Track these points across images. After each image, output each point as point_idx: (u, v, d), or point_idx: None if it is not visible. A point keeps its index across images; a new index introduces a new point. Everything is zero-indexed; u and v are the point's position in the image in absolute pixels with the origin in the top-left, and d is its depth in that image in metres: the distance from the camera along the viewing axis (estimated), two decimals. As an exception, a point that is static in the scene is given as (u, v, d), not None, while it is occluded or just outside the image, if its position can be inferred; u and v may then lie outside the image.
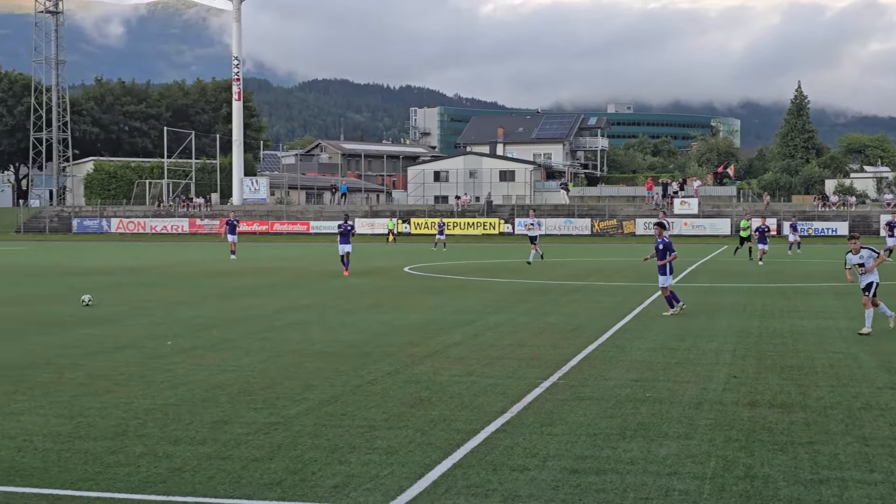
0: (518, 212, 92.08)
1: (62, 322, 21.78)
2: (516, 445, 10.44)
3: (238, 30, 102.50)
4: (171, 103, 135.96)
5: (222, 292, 29.86)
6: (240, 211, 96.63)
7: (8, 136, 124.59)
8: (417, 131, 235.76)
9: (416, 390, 13.52)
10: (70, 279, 35.96)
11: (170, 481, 9.12)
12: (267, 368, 15.40)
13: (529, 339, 18.82)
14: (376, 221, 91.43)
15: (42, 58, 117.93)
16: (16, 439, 10.72)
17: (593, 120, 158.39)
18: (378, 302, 26.57)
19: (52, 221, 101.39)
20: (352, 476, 9.27)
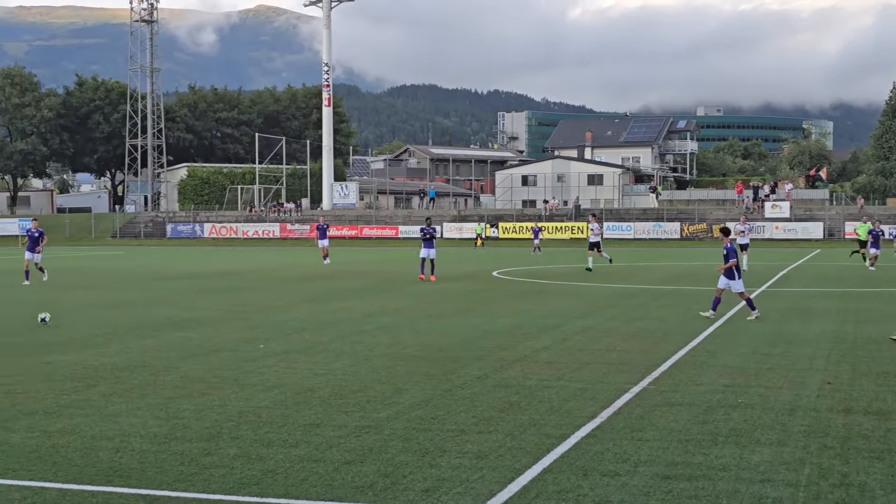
0: (606, 216, 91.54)
1: (158, 325, 22.18)
2: (607, 451, 10.40)
3: (328, 36, 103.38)
4: (262, 109, 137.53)
5: (313, 296, 30.15)
6: (329, 216, 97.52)
7: (105, 143, 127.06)
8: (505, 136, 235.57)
9: (506, 395, 13.53)
10: (165, 283, 36.59)
11: (263, 483, 9.25)
12: (357, 372, 15.52)
13: (619, 343, 18.72)
14: (464, 226, 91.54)
15: (137, 66, 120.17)
16: (114, 440, 10.95)
17: (682, 123, 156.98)
18: (467, 306, 26.61)
19: (146, 226, 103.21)
20: (442, 480, 9.32)
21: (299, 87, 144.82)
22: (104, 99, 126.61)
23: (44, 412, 12.51)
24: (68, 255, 67.40)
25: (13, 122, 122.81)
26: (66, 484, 9.25)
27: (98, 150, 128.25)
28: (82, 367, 16.08)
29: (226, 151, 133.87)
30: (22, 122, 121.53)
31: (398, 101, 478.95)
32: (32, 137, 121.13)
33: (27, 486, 9.18)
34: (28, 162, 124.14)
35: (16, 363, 16.54)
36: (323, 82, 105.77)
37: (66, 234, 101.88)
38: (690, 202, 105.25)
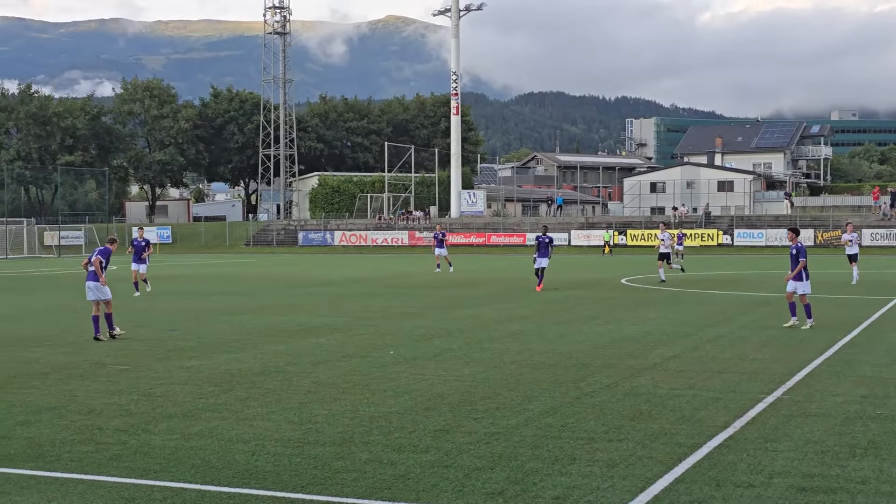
0: (737, 223, 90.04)
1: (291, 331, 22.57)
2: (740, 461, 10.24)
3: (456, 46, 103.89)
4: (391, 119, 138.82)
5: (441, 303, 30.32)
6: (457, 223, 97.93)
7: (238, 153, 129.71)
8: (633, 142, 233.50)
9: (636, 403, 13.42)
10: (297, 290, 37.20)
11: (394, 487, 9.35)
12: (487, 379, 15.56)
13: (751, 352, 18.41)
14: (591, 233, 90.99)
15: (270, 77, 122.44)
16: (249, 443, 11.19)
17: (816, 128, 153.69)
18: (595, 314, 26.47)
19: (279, 234, 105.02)
20: (573, 488, 9.29)
21: (428, 96, 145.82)
22: (238, 110, 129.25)
23: (182, 415, 12.84)
24: (204, 262, 69.02)
25: (152, 134, 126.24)
26: (203, 485, 9.48)
27: (232, 160, 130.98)
28: (218, 372, 16.46)
29: (356, 160, 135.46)
30: (160, 134, 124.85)
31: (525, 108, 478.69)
32: (170, 148, 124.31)
33: (168, 487, 9.44)
34: (166, 172, 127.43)
35: (155, 367, 17.01)
36: (451, 91, 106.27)
37: (202, 242, 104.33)
38: (825, 209, 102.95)
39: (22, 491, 9.35)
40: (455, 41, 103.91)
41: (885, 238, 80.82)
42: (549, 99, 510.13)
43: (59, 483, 9.62)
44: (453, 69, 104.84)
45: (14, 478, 9.82)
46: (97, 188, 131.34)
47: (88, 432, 11.84)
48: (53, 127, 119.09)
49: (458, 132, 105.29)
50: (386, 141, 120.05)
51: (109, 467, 10.18)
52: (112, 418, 12.66)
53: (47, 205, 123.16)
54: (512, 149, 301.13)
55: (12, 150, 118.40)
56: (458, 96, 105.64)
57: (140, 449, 10.96)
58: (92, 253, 21.37)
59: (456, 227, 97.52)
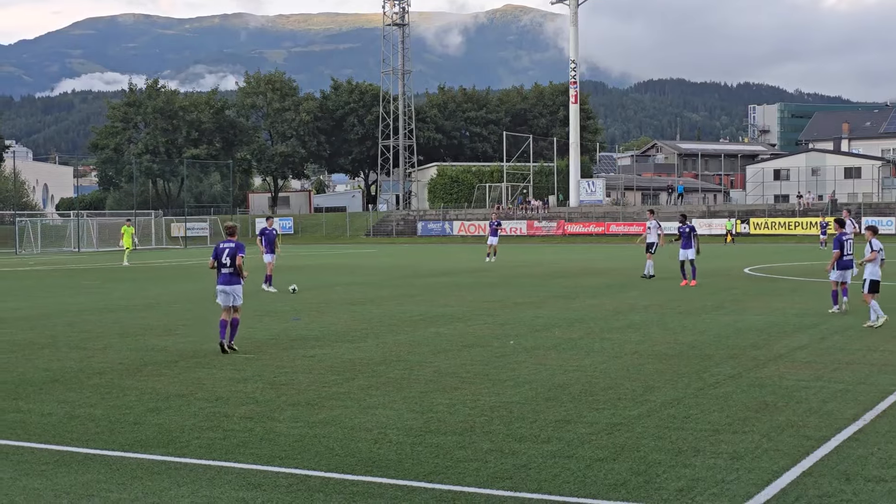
0: (865, 210, 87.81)
1: (412, 321, 22.70)
2: (870, 455, 9.99)
3: (575, 34, 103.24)
4: (509, 108, 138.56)
5: (561, 293, 30.19)
6: (576, 212, 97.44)
7: (358, 145, 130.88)
8: (756, 129, 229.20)
9: (761, 394, 13.18)
10: (417, 280, 37.44)
11: (516, 477, 9.33)
12: (608, 369, 15.45)
13: (881, 343, 17.93)
14: (713, 222, 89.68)
15: (389, 69, 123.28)
16: (372, 432, 11.28)
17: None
18: (718, 303, 26.08)
19: (398, 225, 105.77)
20: (697, 480, 9.16)
21: (546, 85, 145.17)
22: (358, 101, 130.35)
23: (306, 403, 13.01)
24: (326, 252, 69.90)
25: (274, 126, 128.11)
26: (327, 472, 9.59)
27: (352, 151, 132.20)
28: (341, 361, 16.64)
29: (474, 150, 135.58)
30: (282, 126, 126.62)
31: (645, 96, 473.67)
32: (291, 140, 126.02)
33: (293, 474, 9.57)
34: (287, 164, 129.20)
35: (279, 357, 17.27)
36: (570, 79, 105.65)
37: (323, 233, 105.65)
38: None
39: (153, 476, 9.57)
40: (573, 29, 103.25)
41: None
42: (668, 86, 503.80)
43: (188, 469, 9.83)
44: (572, 57, 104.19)
45: (146, 463, 10.07)
46: (221, 180, 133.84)
47: (216, 419, 12.08)
48: (179, 121, 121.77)
49: (576, 121, 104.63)
50: (504, 130, 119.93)
51: (236, 454, 10.37)
52: (238, 406, 12.89)
53: (174, 197, 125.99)
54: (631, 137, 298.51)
55: (140, 145, 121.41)
56: (577, 84, 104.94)
57: (265, 436, 11.14)
58: (218, 251, 17.86)
59: (575, 216, 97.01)
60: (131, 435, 11.33)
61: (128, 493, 8.99)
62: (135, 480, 9.42)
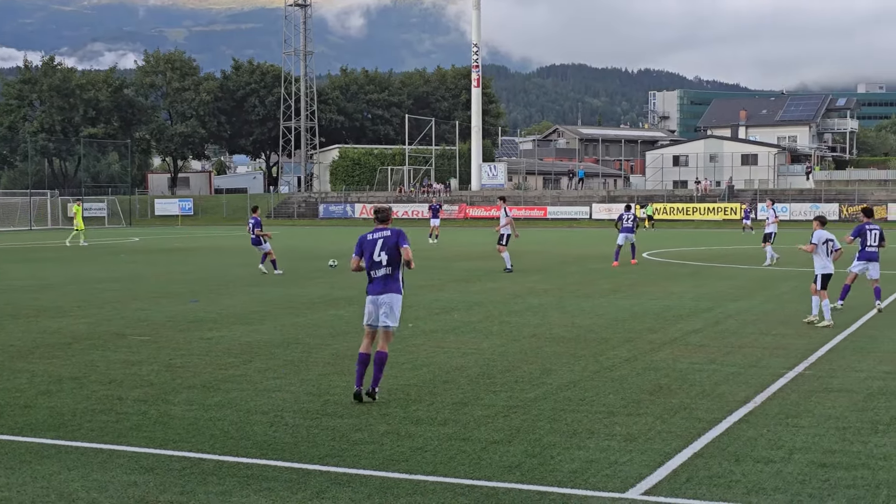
0: (761, 197, 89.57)
1: (312, 303, 22.59)
2: (760, 437, 10.19)
3: (477, 17, 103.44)
4: (412, 91, 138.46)
5: (461, 276, 30.27)
6: (478, 196, 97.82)
7: (259, 126, 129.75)
8: (656, 115, 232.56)
9: (656, 377, 13.37)
10: (318, 262, 37.18)
11: (412, 460, 9.34)
12: (506, 352, 15.54)
13: (773, 327, 18.31)
14: (613, 207, 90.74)
15: (291, 49, 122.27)
16: (268, 415, 11.21)
17: (842, 101, 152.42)
18: (616, 287, 26.39)
19: (300, 207, 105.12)
20: (591, 461, 9.26)
21: (448, 69, 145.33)
22: (259, 82, 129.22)
23: (202, 386, 12.87)
24: (225, 234, 69.13)
25: (174, 106, 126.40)
26: (222, 456, 9.51)
27: (253, 133, 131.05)
28: (238, 343, 16.49)
29: (376, 133, 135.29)
30: (182, 106, 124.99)
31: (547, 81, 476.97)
32: (192, 120, 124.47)
33: (186, 457, 9.46)
34: (187, 144, 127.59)
35: (175, 339, 17.04)
36: (472, 63, 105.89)
37: (224, 214, 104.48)
38: (850, 182, 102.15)
39: (43, 460, 9.39)
40: (476, 13, 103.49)
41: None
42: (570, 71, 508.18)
43: (79, 452, 9.67)
44: (474, 41, 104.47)
45: (35, 447, 9.87)
46: (119, 160, 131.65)
47: (109, 402, 11.89)
48: (76, 99, 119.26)
49: (478, 105, 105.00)
50: (406, 113, 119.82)
51: (129, 437, 10.22)
52: (132, 389, 12.70)
53: (70, 177, 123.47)
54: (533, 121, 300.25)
55: (36, 123, 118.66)
56: (479, 68, 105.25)
57: (160, 419, 10.99)
58: (366, 244, 12.33)
59: (477, 199, 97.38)
60: (21, 418, 11.10)
61: (16, 478, 8.80)
62: (23, 465, 9.23)
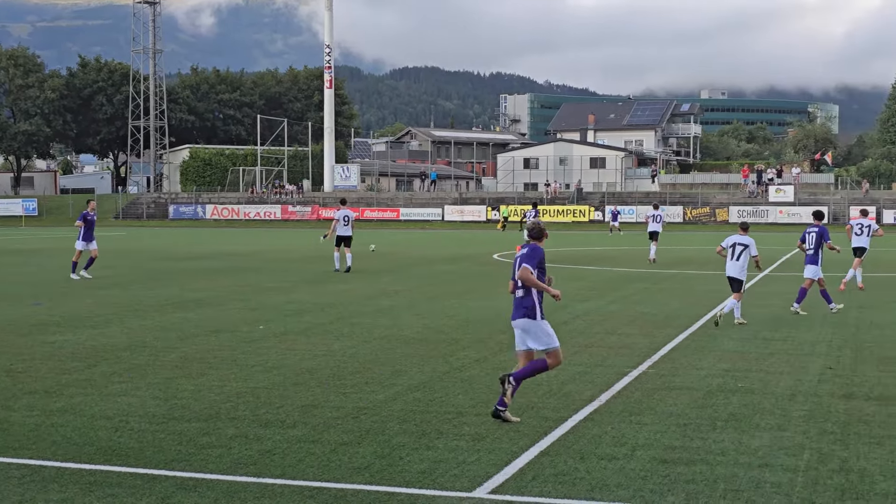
0: (608, 199, 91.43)
1: (160, 306, 22.18)
2: (604, 434, 10.40)
3: (330, 18, 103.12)
4: (264, 91, 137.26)
5: (313, 278, 30.13)
6: (330, 198, 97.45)
7: (107, 125, 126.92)
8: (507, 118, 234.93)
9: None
10: (167, 264, 36.60)
11: (260, 463, 9.26)
12: (357, 354, 15.53)
13: (619, 327, 18.70)
14: (465, 209, 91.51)
15: (140, 48, 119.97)
16: (113, 420, 10.97)
17: (686, 106, 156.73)
18: (468, 289, 26.60)
19: (149, 208, 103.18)
20: (439, 462, 9.32)
21: (301, 69, 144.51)
22: (107, 80, 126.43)
23: (44, 391, 12.53)
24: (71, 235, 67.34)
25: (17, 104, 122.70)
26: (64, 462, 9.28)
27: (101, 132, 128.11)
28: (83, 347, 16.10)
29: (228, 133, 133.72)
30: (25, 104, 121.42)
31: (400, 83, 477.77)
32: (36, 118, 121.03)
33: (26, 465, 9.20)
34: (31, 143, 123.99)
35: (16, 343, 16.54)
36: (325, 64, 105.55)
37: (70, 215, 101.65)
38: (694, 186, 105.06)
39: None
40: (328, 14, 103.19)
41: (751, 215, 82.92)
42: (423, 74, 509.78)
43: None
44: (327, 42, 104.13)
45: None
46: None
47: (-57, 410, 11.47)
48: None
49: (331, 106, 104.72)
50: (258, 114, 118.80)
51: (-36, 446, 9.88)
52: (-32, 396, 12.28)
53: None
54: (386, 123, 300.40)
55: None
56: (332, 70, 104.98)
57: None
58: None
59: (330, 201, 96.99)
60: None
61: None
62: None
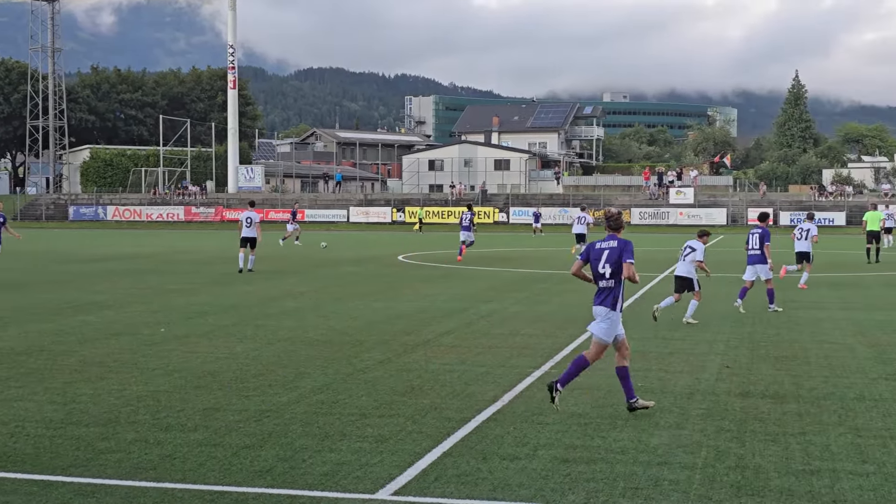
0: (513, 201, 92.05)
1: (58, 309, 21.78)
2: (507, 434, 10.47)
3: (233, 18, 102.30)
4: (166, 91, 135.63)
5: (217, 279, 29.85)
6: (234, 199, 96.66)
7: (4, 124, 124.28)
8: (412, 120, 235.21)
9: (408, 379, 13.54)
10: (66, 266, 35.95)
11: (160, 468, 9.15)
12: (260, 356, 15.42)
13: (523, 328, 18.84)
14: (371, 210, 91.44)
15: (38, 46, 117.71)
16: (9, 425, 10.75)
17: (589, 108, 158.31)
18: (372, 290, 26.57)
19: (48, 209, 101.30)
20: (342, 464, 9.30)
21: (204, 69, 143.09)
22: (4, 79, 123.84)
23: (-65, 398, 12.23)
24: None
25: None
26: (-45, 471, 9.05)
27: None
28: (-24, 352, 15.74)
29: (129, 133, 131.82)
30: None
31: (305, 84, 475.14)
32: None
33: (-85, 474, 8.96)
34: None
35: None
36: (228, 64, 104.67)
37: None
38: (596, 188, 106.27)
39: None
40: (231, 13, 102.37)
41: (652, 217, 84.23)
42: (328, 75, 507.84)
43: None
44: (230, 42, 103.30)
45: None
46: None
47: None
48: None
49: (234, 106, 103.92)
50: (161, 114, 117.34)
51: None
52: None
53: None
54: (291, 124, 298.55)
55: None
56: (236, 70, 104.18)
57: None
58: (594, 253, 11.69)
59: (234, 202, 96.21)
60: None
61: None
62: None
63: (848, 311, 21.55)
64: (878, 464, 9.52)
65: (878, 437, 10.52)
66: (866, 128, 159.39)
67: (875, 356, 15.80)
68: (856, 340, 17.43)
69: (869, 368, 14.71)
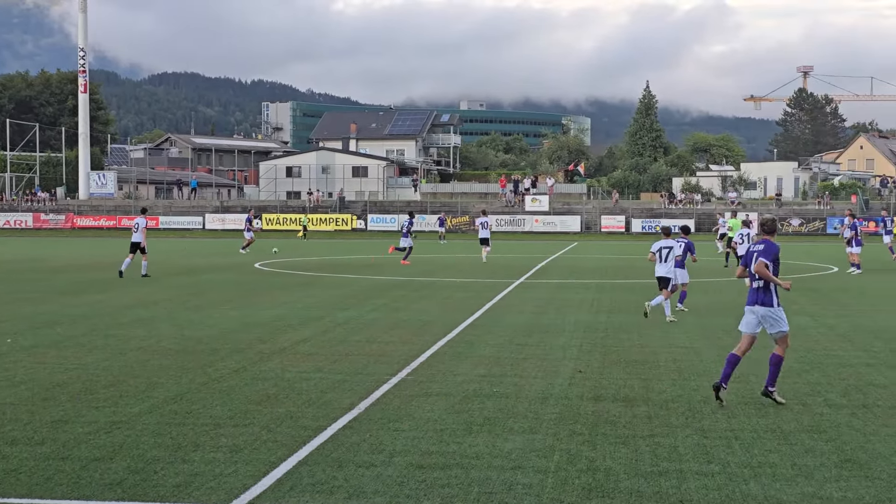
0: (371, 208, 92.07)
1: None
2: (363, 442, 10.46)
3: (84, 21, 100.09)
4: (13, 95, 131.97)
5: (68, 288, 29.09)
6: (86, 205, 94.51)
7: None
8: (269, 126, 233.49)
9: (264, 387, 13.42)
10: None
11: (5, 483, 8.90)
12: (111, 366, 15.09)
13: (379, 335, 18.84)
14: (227, 217, 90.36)
15: None
16: None
17: (446, 116, 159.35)
18: (228, 298, 26.25)
19: None
20: (195, 475, 9.17)
21: (53, 73, 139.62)
22: None
23: None
24: None
25: None
26: None
27: None
28: None
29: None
30: None
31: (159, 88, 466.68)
32: None
33: None
34: None
35: None
36: (79, 68, 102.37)
37: None
38: (454, 195, 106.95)
39: None
40: (82, 16, 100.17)
41: (508, 224, 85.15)
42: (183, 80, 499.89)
43: None
44: (81, 45, 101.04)
45: None
46: None
47: None
48: None
49: (86, 111, 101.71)
50: (7, 118, 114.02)
51: None
52: None
53: None
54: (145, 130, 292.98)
55: None
56: (87, 73, 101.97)
57: None
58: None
59: (85, 209, 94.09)
60: None
61: None
62: None
63: (698, 317, 22.14)
64: (722, 464, 9.82)
65: (723, 438, 10.83)
66: (714, 137, 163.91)
67: (720, 359, 16.19)
68: (703, 344, 17.91)
69: (715, 371, 15.07)
